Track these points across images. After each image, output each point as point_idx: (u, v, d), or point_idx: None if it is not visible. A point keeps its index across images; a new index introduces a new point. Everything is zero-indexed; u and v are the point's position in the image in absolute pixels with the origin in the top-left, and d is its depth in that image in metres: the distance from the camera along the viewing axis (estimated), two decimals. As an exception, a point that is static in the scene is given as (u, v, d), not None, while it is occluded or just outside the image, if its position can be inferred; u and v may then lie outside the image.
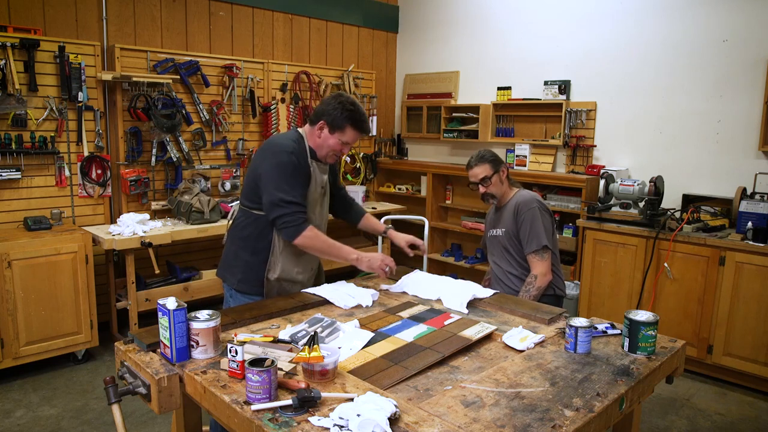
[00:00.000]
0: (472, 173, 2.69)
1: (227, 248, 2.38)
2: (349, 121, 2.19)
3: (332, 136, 2.21)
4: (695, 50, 3.97)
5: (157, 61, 4.10)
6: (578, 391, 1.49)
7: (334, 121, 2.18)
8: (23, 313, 3.26)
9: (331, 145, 2.22)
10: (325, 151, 2.25)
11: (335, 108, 2.18)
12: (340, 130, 2.20)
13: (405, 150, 5.94)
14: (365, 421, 1.24)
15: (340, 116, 2.17)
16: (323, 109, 2.21)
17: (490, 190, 2.67)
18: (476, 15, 5.27)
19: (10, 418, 2.95)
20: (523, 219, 2.57)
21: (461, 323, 1.95)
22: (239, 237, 2.30)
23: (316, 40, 5.33)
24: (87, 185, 3.89)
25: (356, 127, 2.21)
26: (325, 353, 1.48)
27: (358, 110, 2.21)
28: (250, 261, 2.26)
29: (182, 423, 1.88)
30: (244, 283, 2.27)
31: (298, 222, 2.13)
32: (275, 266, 2.25)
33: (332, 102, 2.20)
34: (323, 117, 2.20)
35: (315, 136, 2.24)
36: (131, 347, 1.71)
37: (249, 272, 2.26)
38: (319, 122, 2.21)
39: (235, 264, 2.30)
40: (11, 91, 3.45)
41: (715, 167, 3.94)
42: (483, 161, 2.67)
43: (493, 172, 2.65)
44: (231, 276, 2.31)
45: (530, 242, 2.56)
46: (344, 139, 2.21)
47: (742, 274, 3.33)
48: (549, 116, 4.74)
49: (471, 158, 2.72)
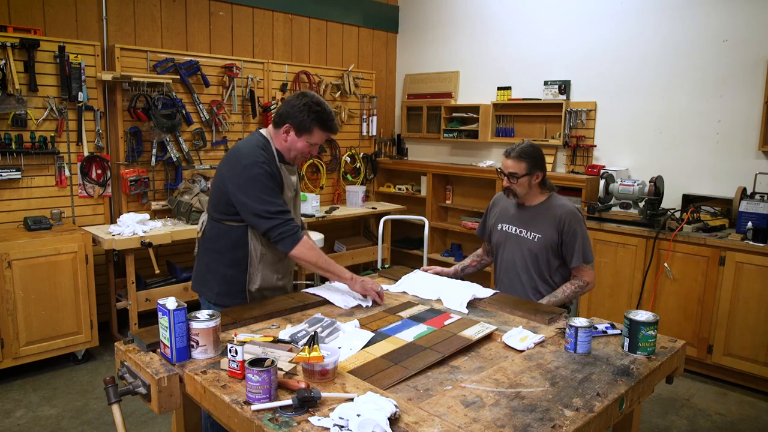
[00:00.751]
0: (506, 164, 2.50)
1: (199, 261, 2.27)
2: (317, 123, 2.10)
3: (300, 139, 2.12)
4: (695, 50, 3.97)
5: (157, 61, 4.10)
6: (578, 391, 1.49)
7: (301, 124, 2.09)
8: (23, 313, 3.26)
9: (299, 149, 2.14)
10: (293, 153, 2.16)
11: (300, 110, 2.08)
12: (307, 132, 2.10)
13: (405, 150, 5.94)
14: (365, 421, 1.24)
15: (306, 119, 2.08)
16: (287, 111, 2.11)
17: (514, 187, 2.50)
18: (476, 15, 5.27)
19: (10, 418, 2.95)
20: (572, 233, 2.45)
21: (461, 323, 1.95)
22: (212, 250, 2.21)
23: (316, 40, 5.33)
24: (87, 185, 3.89)
25: (324, 128, 2.12)
26: (325, 353, 1.48)
27: (325, 110, 2.11)
28: (227, 274, 2.18)
29: (182, 423, 1.88)
30: (223, 296, 2.19)
31: (293, 231, 2.07)
32: (255, 277, 2.18)
33: (297, 103, 2.09)
34: (288, 120, 2.10)
35: (281, 140, 2.14)
36: (131, 347, 1.71)
37: (227, 285, 2.19)
38: (285, 125, 2.11)
39: (211, 278, 2.21)
40: (11, 91, 3.45)
41: (715, 167, 3.94)
42: (521, 159, 2.44)
43: (526, 173, 2.46)
44: (207, 290, 2.22)
45: (585, 256, 2.46)
46: (312, 141, 2.13)
47: (742, 274, 3.33)
48: (549, 116, 4.74)
49: (514, 147, 2.49)
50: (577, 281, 2.49)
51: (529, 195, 2.53)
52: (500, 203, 2.70)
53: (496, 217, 2.68)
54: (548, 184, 2.57)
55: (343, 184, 5.49)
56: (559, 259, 2.50)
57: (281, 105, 2.17)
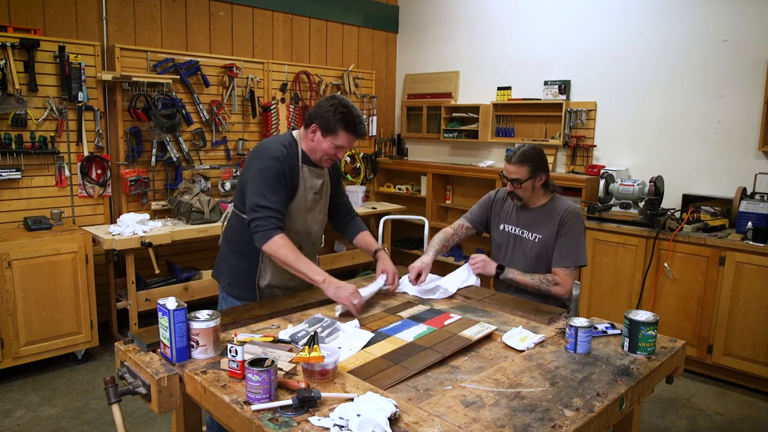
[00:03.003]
0: (508, 169, 2.46)
1: (221, 250, 2.36)
2: (342, 124, 2.08)
3: (325, 140, 2.11)
4: (695, 50, 3.97)
5: (157, 61, 4.10)
6: (578, 391, 1.49)
7: (327, 125, 2.08)
8: (23, 313, 3.26)
9: (324, 149, 2.13)
10: (318, 155, 2.16)
11: (327, 110, 2.08)
12: (332, 133, 2.09)
13: (405, 150, 5.94)
14: (365, 421, 1.24)
15: (332, 119, 2.07)
16: (316, 111, 2.12)
17: (518, 192, 2.47)
18: (476, 15, 5.27)
19: (10, 418, 2.95)
20: (568, 230, 2.42)
21: (461, 323, 1.95)
22: (230, 240, 2.30)
23: (316, 40, 5.33)
24: (87, 185, 3.89)
25: (349, 130, 2.10)
26: (325, 353, 1.48)
27: (352, 112, 2.09)
28: (238, 265, 2.24)
29: (182, 423, 1.88)
30: (233, 287, 2.25)
31: (268, 227, 2.04)
32: (265, 273, 2.22)
33: (325, 104, 2.10)
34: (316, 120, 2.11)
35: (308, 140, 2.16)
36: (131, 347, 1.71)
37: (237, 276, 2.24)
38: (312, 125, 2.12)
39: (226, 267, 2.29)
40: (11, 91, 3.45)
41: (715, 167, 3.94)
42: (523, 163, 2.40)
43: (529, 177, 2.42)
44: (222, 278, 2.31)
45: (568, 257, 2.41)
46: (337, 143, 2.11)
47: (742, 274, 3.33)
48: (549, 116, 4.74)
49: (514, 152, 2.45)
50: (551, 276, 2.43)
51: (533, 197, 2.51)
52: (505, 202, 2.65)
53: (499, 215, 2.65)
54: (551, 185, 2.54)
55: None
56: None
57: (311, 108, 2.20)
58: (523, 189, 2.45)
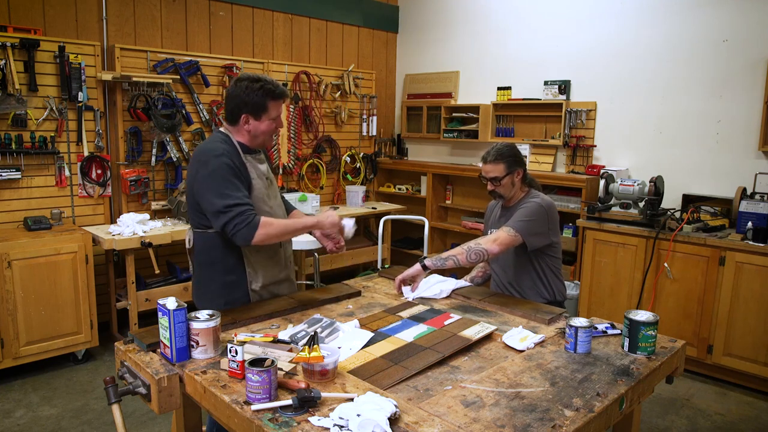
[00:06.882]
0: (485, 169, 2.53)
1: (197, 274, 2.20)
2: (268, 97, 2.06)
3: (261, 122, 2.09)
4: (695, 50, 3.97)
5: (157, 61, 4.10)
6: (578, 391, 1.49)
7: (255, 107, 2.06)
8: (23, 313, 3.26)
9: (264, 130, 2.11)
10: (261, 138, 2.14)
11: (247, 95, 2.05)
12: (264, 111, 2.08)
13: (405, 150, 5.94)
14: (365, 421, 1.25)
15: (257, 99, 2.05)
16: (236, 102, 2.07)
17: (499, 190, 2.53)
18: (476, 15, 5.27)
19: (10, 418, 2.95)
20: (522, 206, 2.46)
21: (461, 323, 1.95)
22: (206, 263, 2.14)
23: (316, 40, 5.33)
24: (87, 185, 3.89)
25: (276, 97, 2.09)
26: (325, 353, 1.48)
27: (267, 80, 2.08)
28: (229, 281, 2.13)
29: (182, 423, 1.88)
30: (231, 304, 2.13)
31: (248, 220, 1.96)
32: (256, 276, 2.15)
33: (239, 92, 2.06)
34: (243, 109, 2.07)
35: (243, 132, 2.11)
36: (131, 347, 1.71)
37: (232, 292, 2.14)
38: (241, 117, 2.08)
39: (214, 288, 2.14)
40: (11, 91, 3.45)
41: (715, 167, 3.94)
42: (499, 161, 2.48)
43: (506, 173, 2.48)
44: (210, 303, 2.08)
45: (511, 222, 2.41)
46: (273, 116, 2.10)
47: (742, 274, 3.33)
48: (549, 116, 4.74)
49: (489, 152, 2.52)
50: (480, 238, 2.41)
51: (515, 196, 2.57)
52: (492, 209, 2.76)
53: (488, 223, 2.75)
54: (528, 179, 2.60)
55: (343, 184, 5.49)
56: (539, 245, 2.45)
57: (226, 103, 2.14)
58: (503, 186, 2.51)
